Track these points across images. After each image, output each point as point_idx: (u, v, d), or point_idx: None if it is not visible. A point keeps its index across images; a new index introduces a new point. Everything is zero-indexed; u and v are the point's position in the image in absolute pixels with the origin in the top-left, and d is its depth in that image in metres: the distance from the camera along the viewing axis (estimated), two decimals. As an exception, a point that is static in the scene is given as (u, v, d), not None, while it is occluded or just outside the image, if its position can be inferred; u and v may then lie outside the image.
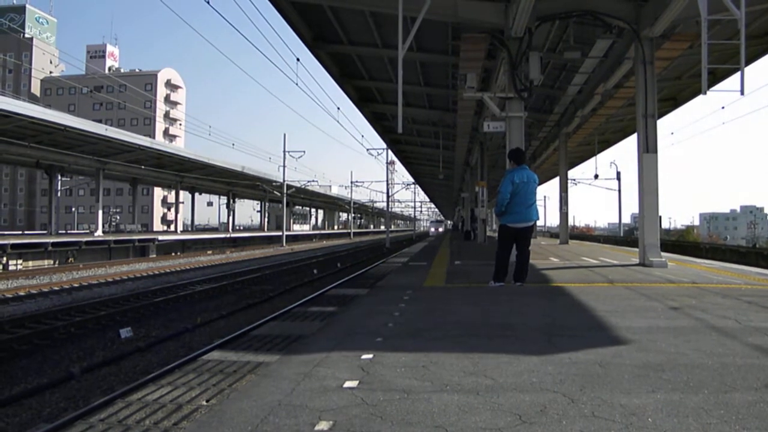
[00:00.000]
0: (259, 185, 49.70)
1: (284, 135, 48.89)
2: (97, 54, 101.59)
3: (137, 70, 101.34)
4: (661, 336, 4.46)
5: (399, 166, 49.26)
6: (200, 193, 54.65)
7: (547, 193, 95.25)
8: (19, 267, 24.01)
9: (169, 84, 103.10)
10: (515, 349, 4.08)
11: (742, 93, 8.44)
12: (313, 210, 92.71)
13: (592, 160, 32.82)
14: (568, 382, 3.27)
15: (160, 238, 37.25)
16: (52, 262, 26.37)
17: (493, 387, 3.20)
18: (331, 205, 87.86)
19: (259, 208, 70.94)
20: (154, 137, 69.48)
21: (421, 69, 17.23)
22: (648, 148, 10.75)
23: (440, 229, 78.76)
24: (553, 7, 10.79)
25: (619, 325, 4.96)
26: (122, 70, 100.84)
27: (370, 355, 3.92)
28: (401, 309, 5.98)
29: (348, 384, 3.29)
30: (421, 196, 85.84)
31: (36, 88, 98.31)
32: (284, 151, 45.55)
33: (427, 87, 18.97)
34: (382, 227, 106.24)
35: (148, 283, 17.52)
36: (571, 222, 37.57)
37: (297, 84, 18.33)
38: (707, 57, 8.13)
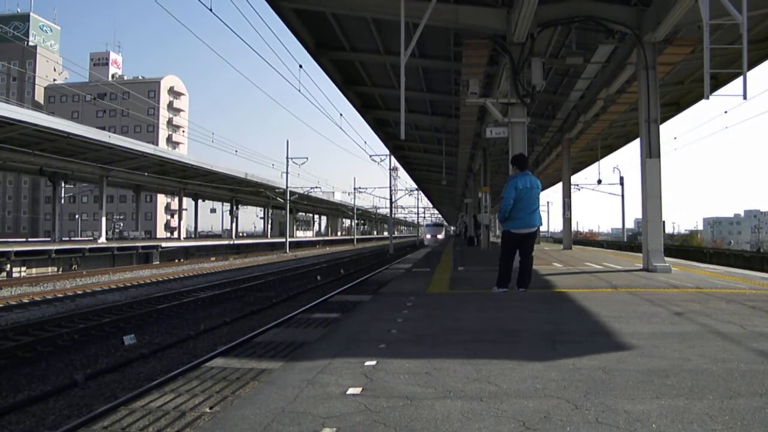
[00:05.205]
0: (263, 192, 49.79)
1: (287, 141, 49.63)
2: (100, 61, 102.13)
3: (140, 78, 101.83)
4: (665, 342, 4.44)
5: (402, 172, 49.32)
6: (203, 200, 54.77)
7: (550, 198, 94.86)
8: (23, 274, 24.06)
9: (172, 91, 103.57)
10: (519, 355, 4.07)
11: (745, 97, 8.42)
12: (316, 216, 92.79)
13: (595, 165, 32.78)
14: (571, 388, 3.26)
15: (164, 244, 37.29)
16: (55, 269, 26.42)
17: (497, 393, 3.19)
18: (335, 211, 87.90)
19: (262, 215, 71.14)
20: (157, 144, 69.88)
21: (424, 75, 17.25)
22: (651, 153, 10.73)
23: (439, 236, 61.42)
24: (555, 12, 10.81)
25: (623, 330, 4.95)
26: (125, 78, 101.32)
27: (374, 362, 3.92)
28: (404, 315, 5.97)
29: (351, 391, 3.28)
30: (425, 201, 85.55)
31: (40, 96, 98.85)
32: (287, 158, 45.76)
33: (429, 93, 18.99)
34: (386, 233, 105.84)
35: (151, 290, 17.53)
36: (574, 227, 37.44)
37: (299, 90, 18.43)
38: (709, 61, 8.12)
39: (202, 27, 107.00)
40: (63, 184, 36.12)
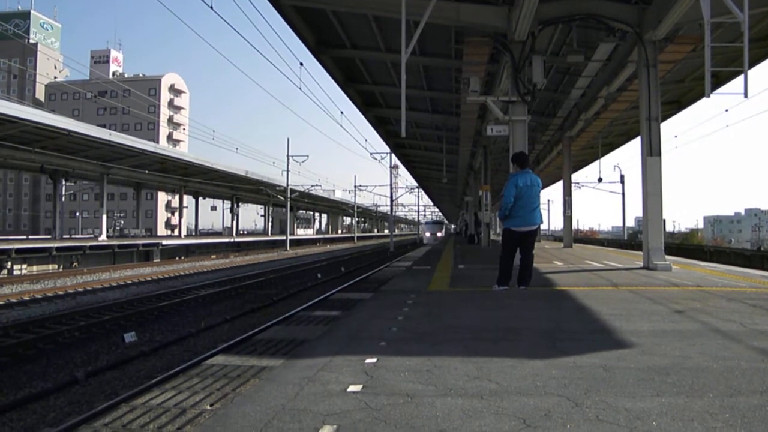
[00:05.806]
0: (263, 189, 49.81)
1: (288, 139, 49.76)
2: (101, 59, 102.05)
3: (141, 75, 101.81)
4: (666, 339, 4.44)
5: (403, 170, 49.35)
6: (204, 198, 54.75)
7: (551, 196, 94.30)
8: (24, 272, 24.08)
9: (172, 89, 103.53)
10: (519, 353, 4.08)
11: (746, 95, 8.41)
12: (316, 214, 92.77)
13: (596, 163, 32.75)
14: (572, 386, 3.26)
15: (164, 242, 37.31)
16: (56, 266, 26.44)
17: (498, 391, 3.19)
18: (335, 209, 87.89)
19: (262, 213, 71.17)
20: (157, 142, 69.80)
21: (425, 73, 17.24)
22: (652, 152, 10.73)
23: (439, 234, 60.42)
24: (556, 10, 10.80)
25: (624, 328, 4.95)
26: (126, 75, 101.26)
27: (374, 359, 3.92)
28: (405, 313, 5.97)
29: (352, 388, 3.29)
30: (425, 199, 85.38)
31: (40, 93, 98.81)
32: (288, 156, 45.79)
33: (430, 91, 18.98)
34: (386, 231, 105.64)
35: (152, 288, 17.54)
36: (574, 225, 37.42)
37: (300, 88, 18.40)
38: (710, 60, 8.12)
39: (203, 25, 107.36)
40: (64, 182, 36.12)
